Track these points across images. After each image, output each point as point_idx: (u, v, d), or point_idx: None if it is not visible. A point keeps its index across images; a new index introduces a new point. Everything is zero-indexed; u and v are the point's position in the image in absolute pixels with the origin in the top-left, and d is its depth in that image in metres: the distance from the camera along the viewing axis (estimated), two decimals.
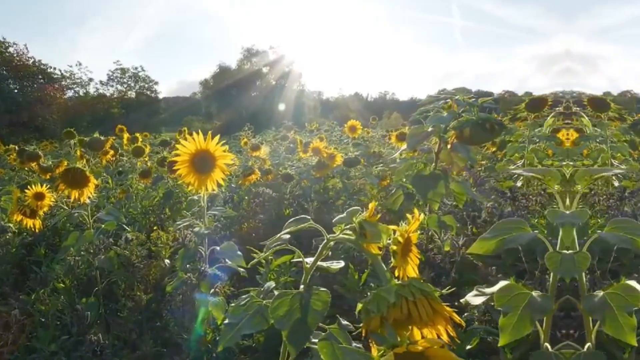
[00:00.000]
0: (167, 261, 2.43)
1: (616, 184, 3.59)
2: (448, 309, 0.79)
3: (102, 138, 3.37)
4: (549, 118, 3.53)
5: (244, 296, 2.11)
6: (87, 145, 3.26)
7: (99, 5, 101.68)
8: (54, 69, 41.97)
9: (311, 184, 4.23)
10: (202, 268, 1.84)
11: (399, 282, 0.83)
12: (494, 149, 4.34)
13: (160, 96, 52.32)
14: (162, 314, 2.45)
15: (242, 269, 1.93)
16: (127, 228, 2.61)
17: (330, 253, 1.14)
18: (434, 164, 2.28)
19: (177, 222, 1.92)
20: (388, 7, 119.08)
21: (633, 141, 4.01)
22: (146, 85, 50.14)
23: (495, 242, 0.94)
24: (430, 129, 2.16)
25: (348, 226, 1.00)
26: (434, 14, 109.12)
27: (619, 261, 2.24)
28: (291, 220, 1.10)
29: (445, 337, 0.80)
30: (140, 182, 3.94)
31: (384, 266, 0.91)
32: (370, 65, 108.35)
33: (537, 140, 3.88)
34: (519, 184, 3.77)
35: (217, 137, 1.71)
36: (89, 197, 2.13)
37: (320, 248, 1.10)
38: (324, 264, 1.20)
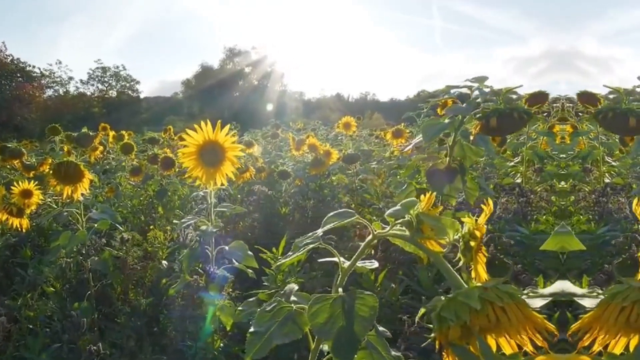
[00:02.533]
0: (164, 262, 2.28)
1: (607, 180, 3.55)
2: (539, 315, 0.67)
3: (91, 133, 3.20)
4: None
5: (251, 299, 1.98)
6: (75, 141, 3.09)
7: (80, 2, 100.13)
8: (33, 67, 41.43)
9: (306, 181, 4.10)
10: (211, 269, 1.70)
11: (479, 284, 0.70)
12: (494, 144, 4.25)
13: (142, 96, 51.93)
14: (159, 319, 2.30)
15: (250, 270, 1.80)
16: (119, 227, 2.45)
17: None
18: (448, 158, 2.17)
19: (182, 220, 1.77)
20: (369, 8, 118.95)
21: (623, 137, 3.96)
22: (128, 85, 49.78)
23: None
24: (447, 121, 2.04)
25: (399, 220, 0.88)
26: (415, 16, 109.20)
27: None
28: (332, 214, 0.97)
29: (530, 348, 0.68)
30: (130, 180, 3.78)
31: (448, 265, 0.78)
32: (351, 66, 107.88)
33: (536, 137, 3.81)
34: (518, 180, 3.70)
35: (227, 127, 1.58)
36: (83, 194, 1.98)
37: (362, 246, 0.98)
38: (359, 263, 1.08)
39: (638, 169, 3.60)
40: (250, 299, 1.95)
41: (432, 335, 0.71)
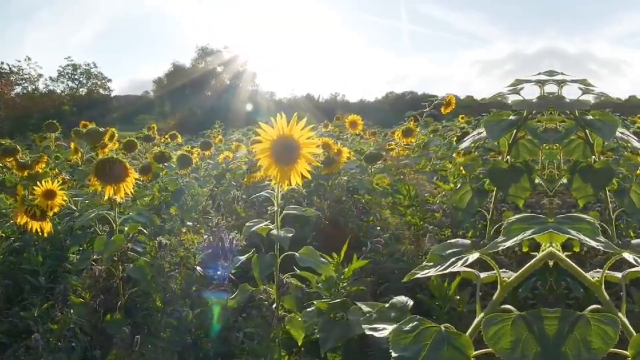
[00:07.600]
0: (199, 269, 2.11)
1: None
2: None
3: (102, 129, 3.00)
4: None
5: (310, 309, 1.81)
6: (84, 137, 2.88)
7: None
8: (2, 63, 40.26)
9: (318, 180, 3.97)
10: (282, 279, 1.53)
11: None
12: None
13: (112, 94, 51.09)
14: (190, 330, 2.13)
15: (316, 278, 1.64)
16: (144, 231, 2.26)
17: None
18: (508, 156, 2.05)
19: (247, 224, 1.60)
20: (340, 9, 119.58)
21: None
22: (99, 83, 48.75)
23: None
24: (512, 117, 1.92)
25: None
26: (383, 18, 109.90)
27: None
28: (516, 219, 0.83)
29: None
30: (140, 179, 3.56)
31: None
32: (321, 67, 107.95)
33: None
34: None
35: (303, 121, 1.44)
36: (125, 194, 1.79)
37: (535, 259, 0.83)
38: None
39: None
40: (309, 309, 1.80)
41: None
